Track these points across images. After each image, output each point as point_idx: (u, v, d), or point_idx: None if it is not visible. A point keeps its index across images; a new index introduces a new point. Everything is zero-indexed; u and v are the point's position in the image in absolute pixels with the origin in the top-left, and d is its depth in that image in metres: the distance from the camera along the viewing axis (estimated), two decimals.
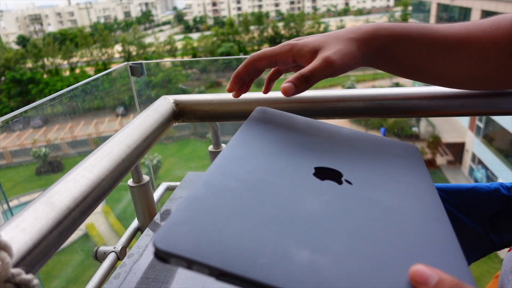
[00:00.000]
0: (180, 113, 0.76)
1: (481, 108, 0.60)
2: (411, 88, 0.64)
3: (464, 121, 9.20)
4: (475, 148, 8.69)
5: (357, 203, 0.31)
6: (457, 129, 9.97)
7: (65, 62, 25.31)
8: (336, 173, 0.35)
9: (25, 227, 0.37)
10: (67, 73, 24.24)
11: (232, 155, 0.35)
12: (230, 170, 0.32)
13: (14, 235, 0.35)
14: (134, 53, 25.79)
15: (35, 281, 0.30)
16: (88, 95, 0.85)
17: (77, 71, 24.40)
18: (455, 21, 0.49)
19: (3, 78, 21.50)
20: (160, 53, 25.95)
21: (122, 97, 1.04)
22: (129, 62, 0.93)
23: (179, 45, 27.35)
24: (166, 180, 0.88)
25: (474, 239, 0.57)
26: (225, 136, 0.86)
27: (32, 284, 0.29)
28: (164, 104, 0.74)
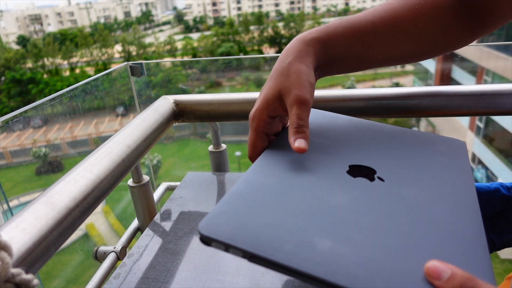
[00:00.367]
0: (180, 113, 0.76)
1: (481, 108, 0.60)
2: (411, 88, 0.64)
3: (464, 121, 9.20)
4: (475, 148, 8.69)
5: (385, 199, 0.32)
6: (457, 129, 9.97)
7: (65, 62, 25.32)
8: (370, 170, 0.37)
9: (25, 227, 0.37)
10: (67, 73, 24.24)
11: (273, 155, 0.39)
12: (269, 169, 0.36)
13: (14, 235, 0.35)
14: (134, 53, 25.79)
15: (35, 281, 0.30)
16: (88, 95, 0.85)
17: (77, 71, 24.40)
18: None
19: (3, 78, 21.51)
20: (160, 53, 25.95)
21: (122, 97, 1.04)
22: (129, 62, 0.93)
23: (179, 45, 27.35)
24: (166, 180, 0.88)
25: None
26: (225, 136, 0.86)
27: (32, 284, 0.29)
28: (164, 104, 0.74)
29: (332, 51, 0.44)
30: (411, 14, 0.44)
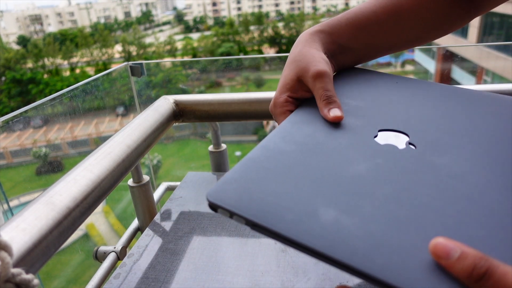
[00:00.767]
0: (180, 113, 0.76)
1: None
2: None
3: None
4: None
5: (411, 168, 0.29)
6: None
7: (65, 62, 25.32)
8: (403, 135, 0.34)
9: (25, 227, 0.37)
10: (67, 73, 24.25)
11: (297, 119, 0.37)
12: (290, 134, 0.35)
13: (14, 235, 0.35)
14: (134, 53, 25.79)
15: (35, 281, 0.30)
16: (88, 95, 0.85)
17: (77, 71, 24.41)
18: None
19: (3, 78, 21.51)
20: (160, 53, 25.95)
21: (122, 97, 1.04)
22: (129, 62, 0.94)
23: (179, 45, 27.36)
24: (166, 180, 0.88)
25: None
26: (225, 136, 0.86)
27: (32, 284, 0.29)
28: (164, 104, 0.74)
29: (339, 40, 0.45)
30: (413, 2, 0.45)
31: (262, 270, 0.52)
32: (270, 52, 26.80)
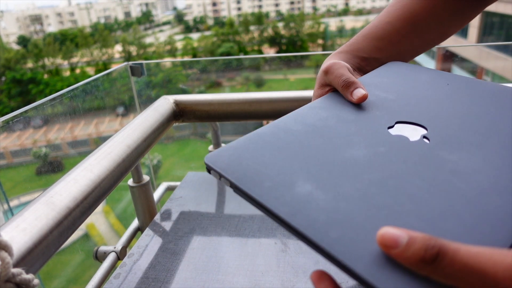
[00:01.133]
0: (180, 113, 0.76)
1: None
2: None
3: None
4: None
5: (414, 159, 0.29)
6: None
7: (66, 62, 25.32)
8: (420, 128, 0.33)
9: (25, 227, 0.37)
10: (68, 73, 24.25)
11: (317, 105, 0.38)
12: (303, 116, 0.36)
13: (15, 235, 0.35)
14: (134, 53, 25.79)
15: (36, 281, 0.30)
16: (88, 95, 0.85)
17: (78, 71, 24.41)
18: None
19: (3, 78, 21.51)
20: (160, 53, 25.95)
21: (122, 97, 1.04)
22: (130, 62, 0.94)
23: (179, 45, 27.35)
24: (166, 180, 0.88)
25: None
26: (225, 136, 0.86)
27: (32, 284, 0.29)
28: (164, 104, 0.74)
29: (359, 54, 0.46)
30: (425, 5, 0.45)
31: (262, 270, 0.52)
32: (270, 52, 26.81)
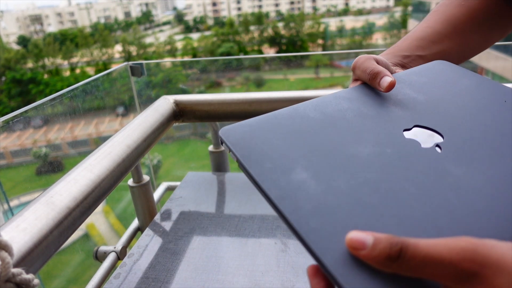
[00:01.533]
0: (180, 113, 0.76)
1: None
2: None
3: None
4: None
5: (418, 167, 0.29)
6: None
7: (66, 62, 25.33)
8: (437, 135, 0.33)
9: (25, 227, 0.37)
10: (68, 73, 24.25)
11: (343, 95, 0.37)
12: (324, 105, 0.36)
13: (15, 235, 0.35)
14: (134, 53, 25.79)
15: (36, 281, 0.30)
16: (88, 95, 0.85)
17: (78, 71, 24.41)
18: None
19: (3, 78, 21.51)
20: (160, 53, 25.95)
21: (122, 97, 1.04)
22: (130, 62, 0.94)
23: (179, 45, 27.35)
24: (166, 180, 0.88)
25: None
26: None
27: (32, 284, 0.29)
28: (164, 104, 0.74)
29: (400, 52, 0.45)
30: (463, 7, 0.45)
31: (262, 270, 0.52)
32: (270, 52, 26.80)
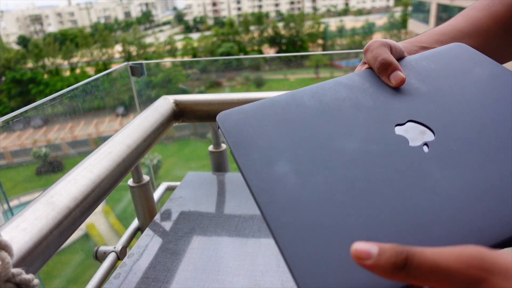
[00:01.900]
0: (180, 113, 0.76)
1: None
2: None
3: None
4: None
5: (399, 166, 0.28)
6: None
7: (66, 62, 25.33)
8: (431, 133, 0.31)
9: (25, 227, 0.37)
10: (68, 73, 24.26)
11: (344, 81, 0.36)
12: (322, 92, 0.35)
13: (15, 235, 0.35)
14: (134, 53, 25.80)
15: (36, 281, 0.30)
16: (88, 95, 0.85)
17: (78, 71, 24.41)
18: None
19: (3, 78, 21.51)
20: (160, 53, 25.96)
21: (122, 97, 1.04)
22: (130, 62, 0.94)
23: (179, 45, 27.36)
24: (166, 180, 0.88)
25: None
26: None
27: (32, 284, 0.29)
28: (164, 104, 0.74)
29: (421, 44, 0.43)
30: (488, 14, 0.45)
31: (262, 270, 0.52)
32: (270, 52, 26.81)
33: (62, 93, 0.72)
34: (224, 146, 0.84)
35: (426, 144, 0.30)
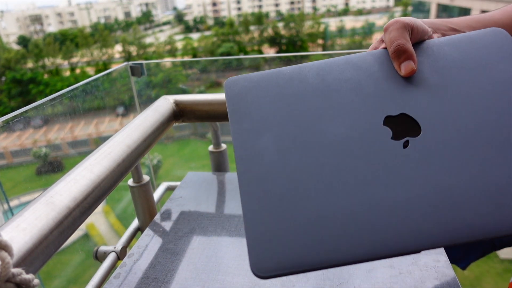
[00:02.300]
0: (180, 113, 0.76)
1: None
2: None
3: None
4: None
5: (370, 160, 0.28)
6: None
7: (66, 62, 25.33)
8: (417, 129, 0.30)
9: (25, 227, 0.37)
10: (68, 73, 24.26)
11: (354, 60, 0.35)
12: (329, 70, 0.35)
13: (15, 235, 0.35)
14: (134, 53, 25.80)
15: (36, 281, 0.30)
16: (88, 95, 0.85)
17: (78, 71, 24.41)
18: None
19: (3, 78, 21.51)
20: (160, 53, 25.96)
21: (122, 97, 1.04)
22: (130, 62, 0.94)
23: (179, 45, 27.36)
24: (166, 180, 0.88)
25: None
26: (225, 136, 0.86)
27: (32, 284, 0.29)
28: (164, 104, 0.74)
29: (452, 26, 0.41)
30: (502, 12, 0.44)
31: None
32: (270, 52, 26.80)
33: (62, 93, 0.72)
34: (224, 146, 0.84)
35: (408, 141, 0.29)
